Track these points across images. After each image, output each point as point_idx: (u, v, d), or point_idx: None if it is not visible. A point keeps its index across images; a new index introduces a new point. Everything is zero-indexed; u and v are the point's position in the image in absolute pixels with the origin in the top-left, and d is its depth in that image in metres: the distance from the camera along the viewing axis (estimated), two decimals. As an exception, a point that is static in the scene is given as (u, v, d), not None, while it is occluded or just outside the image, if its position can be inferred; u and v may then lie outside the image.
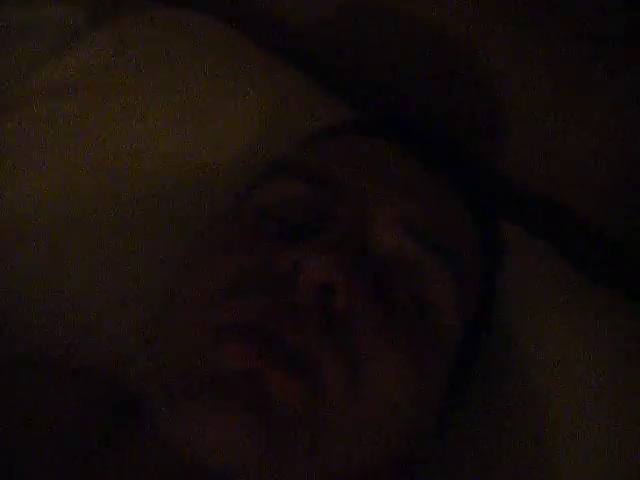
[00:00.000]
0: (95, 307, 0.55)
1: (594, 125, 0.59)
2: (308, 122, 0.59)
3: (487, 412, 0.54)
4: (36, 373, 0.49)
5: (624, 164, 0.59)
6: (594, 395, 0.53)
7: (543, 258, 0.59)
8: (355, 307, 0.40)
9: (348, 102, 0.64)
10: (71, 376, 0.51)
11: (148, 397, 0.43)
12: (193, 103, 0.61)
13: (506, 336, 0.56)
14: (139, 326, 0.53)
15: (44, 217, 0.57)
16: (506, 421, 0.53)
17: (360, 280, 0.40)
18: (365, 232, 0.43)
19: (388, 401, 0.40)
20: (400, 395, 0.41)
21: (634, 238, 0.61)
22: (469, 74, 0.63)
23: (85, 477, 0.41)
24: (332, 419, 0.39)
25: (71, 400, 0.47)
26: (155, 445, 0.40)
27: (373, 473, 0.41)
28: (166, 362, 0.41)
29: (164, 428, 0.39)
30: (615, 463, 0.51)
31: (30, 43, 0.63)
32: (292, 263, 0.40)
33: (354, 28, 0.66)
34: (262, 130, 0.61)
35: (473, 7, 0.60)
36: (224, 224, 0.47)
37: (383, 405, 0.40)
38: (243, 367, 0.37)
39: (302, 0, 0.68)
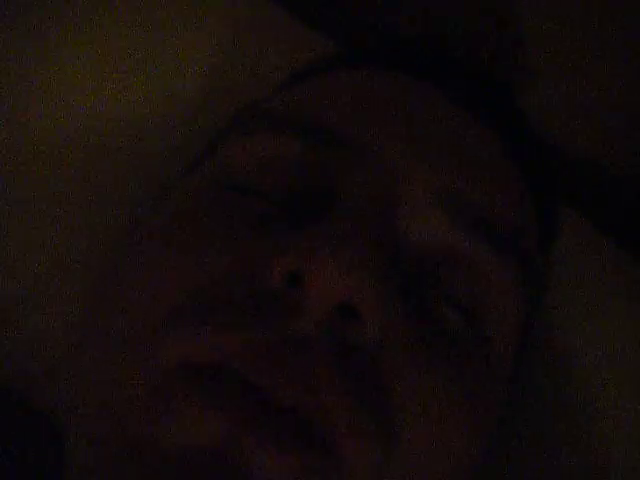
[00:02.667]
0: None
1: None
2: (289, 58, 0.45)
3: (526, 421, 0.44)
4: None
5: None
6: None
7: (591, 240, 0.47)
8: (387, 336, 0.26)
9: (338, 37, 0.49)
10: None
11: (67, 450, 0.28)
12: (131, 35, 0.46)
13: (547, 329, 0.45)
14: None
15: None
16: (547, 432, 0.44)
17: (397, 296, 0.26)
18: (392, 214, 0.28)
19: (435, 463, 0.27)
20: (450, 454, 0.27)
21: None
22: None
23: None
24: None
25: None
26: None
27: None
28: (86, 423, 0.27)
29: None
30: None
31: None
32: (287, 271, 0.25)
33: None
34: (225, 69, 0.46)
35: None
36: (172, 203, 0.31)
37: (429, 469, 0.27)
38: (210, 444, 0.23)
39: None
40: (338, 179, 0.29)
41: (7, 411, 0.40)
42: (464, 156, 0.31)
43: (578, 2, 0.46)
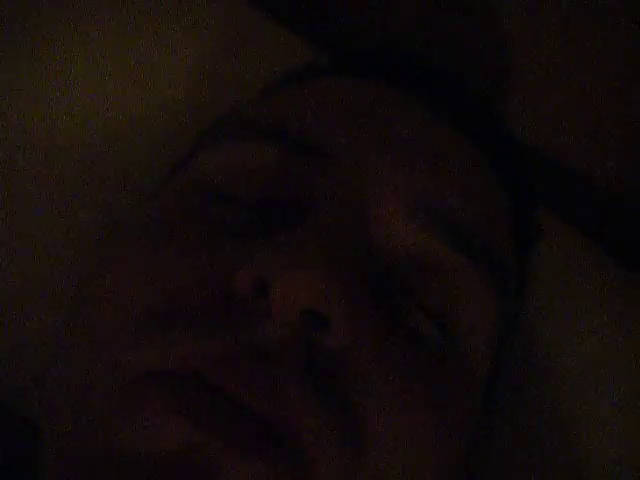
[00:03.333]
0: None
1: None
2: (272, 67, 0.45)
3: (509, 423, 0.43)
4: None
5: None
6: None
7: (573, 244, 0.47)
8: (356, 343, 0.26)
9: (323, 44, 0.49)
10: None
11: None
12: (120, 40, 0.46)
13: (532, 333, 0.45)
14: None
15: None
16: (530, 433, 0.44)
17: (366, 302, 0.26)
18: (365, 220, 0.28)
19: (406, 469, 0.27)
20: (421, 461, 0.27)
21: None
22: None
23: None
24: None
25: None
26: None
27: None
28: (55, 425, 0.27)
29: None
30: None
31: None
32: (255, 277, 0.25)
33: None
34: (208, 76, 0.46)
35: None
36: (148, 210, 0.31)
37: (400, 475, 0.27)
38: (174, 448, 0.23)
39: None
40: (311, 186, 0.29)
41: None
42: (439, 164, 0.31)
43: (565, 7, 0.46)
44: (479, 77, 0.48)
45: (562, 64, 0.47)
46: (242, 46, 0.48)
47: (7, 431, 0.40)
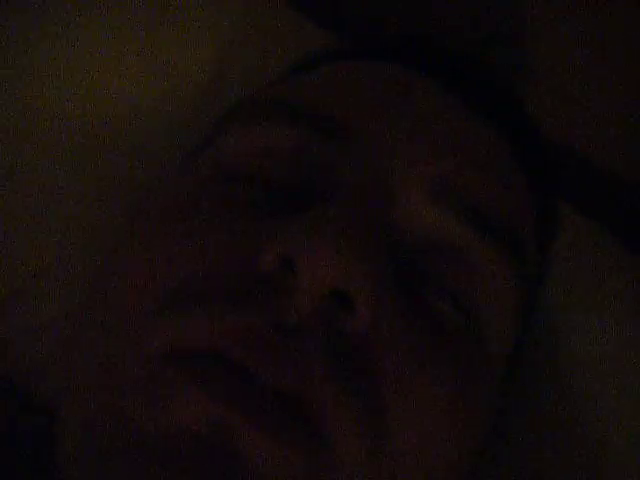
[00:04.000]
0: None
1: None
2: (290, 55, 0.44)
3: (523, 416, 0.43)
4: None
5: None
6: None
7: (591, 238, 0.46)
8: (383, 327, 0.26)
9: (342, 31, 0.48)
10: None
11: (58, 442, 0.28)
12: (138, 30, 0.46)
13: (547, 329, 0.45)
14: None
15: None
16: (544, 427, 0.43)
17: (390, 284, 0.26)
18: (388, 202, 0.28)
19: (427, 454, 0.27)
20: (442, 446, 0.27)
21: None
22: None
23: None
24: None
25: None
26: None
27: None
28: (80, 402, 0.27)
29: None
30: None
31: None
32: (279, 255, 0.25)
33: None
34: (227, 65, 0.46)
35: None
36: (170, 192, 0.31)
37: (421, 460, 0.27)
38: (199, 426, 0.23)
39: None
40: (334, 168, 0.29)
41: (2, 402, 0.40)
42: (461, 147, 0.31)
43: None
44: (500, 61, 0.48)
45: (582, 50, 0.47)
46: (260, 35, 0.48)
47: (21, 414, 0.40)
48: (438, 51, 0.38)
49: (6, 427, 0.37)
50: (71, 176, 0.43)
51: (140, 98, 0.45)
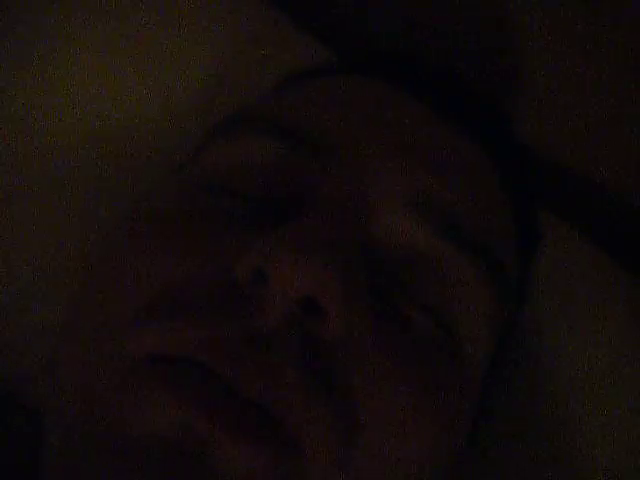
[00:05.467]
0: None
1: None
2: (283, 66, 0.46)
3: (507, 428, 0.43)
4: None
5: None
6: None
7: (578, 249, 0.47)
8: (353, 333, 0.26)
9: (333, 46, 0.49)
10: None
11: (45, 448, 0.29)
12: (136, 40, 0.47)
13: (535, 338, 0.45)
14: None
15: None
16: (532, 437, 0.43)
17: (360, 291, 0.27)
18: (363, 214, 0.29)
19: (398, 464, 0.27)
20: (414, 456, 0.28)
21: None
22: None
23: None
24: None
25: None
26: None
27: None
28: (62, 407, 0.28)
29: None
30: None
31: None
32: (252, 267, 0.26)
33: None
34: (225, 74, 0.47)
35: None
36: (153, 202, 0.32)
37: (391, 470, 0.27)
38: (170, 430, 0.24)
39: None
40: (312, 182, 0.30)
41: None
42: (440, 161, 0.31)
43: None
44: (484, 78, 0.48)
45: (567, 65, 0.47)
46: (256, 45, 0.49)
47: (13, 419, 0.40)
48: (424, 67, 0.39)
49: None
50: (71, 180, 0.44)
51: (136, 106, 0.46)
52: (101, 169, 0.44)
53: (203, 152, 0.33)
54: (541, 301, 0.45)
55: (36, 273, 0.43)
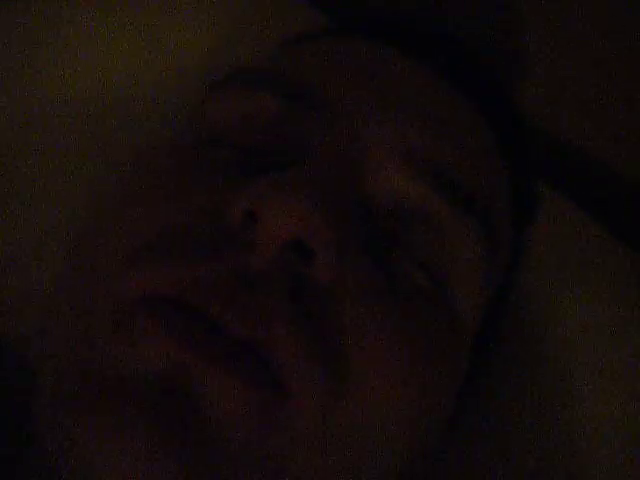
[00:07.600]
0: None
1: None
2: (280, 32, 0.45)
3: (497, 399, 0.43)
4: None
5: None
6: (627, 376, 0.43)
7: (573, 220, 0.47)
8: (343, 278, 0.26)
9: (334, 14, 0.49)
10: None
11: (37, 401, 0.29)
12: (134, 12, 0.48)
13: (528, 307, 0.45)
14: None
15: None
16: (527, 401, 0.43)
17: (351, 238, 0.27)
18: (358, 167, 0.29)
19: (385, 414, 0.27)
20: (402, 407, 0.28)
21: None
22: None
23: None
24: (303, 444, 0.25)
25: None
26: (43, 468, 0.27)
27: None
28: (57, 354, 0.28)
29: (51, 449, 0.26)
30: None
31: None
32: (244, 208, 0.26)
33: None
34: (222, 42, 0.48)
35: None
36: (154, 154, 0.32)
37: (378, 419, 0.27)
38: (159, 368, 0.24)
39: None
40: (308, 134, 0.30)
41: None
42: (436, 119, 0.32)
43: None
44: (483, 46, 0.49)
45: (568, 38, 0.47)
46: (254, 15, 0.49)
47: (6, 369, 0.40)
48: (424, 30, 0.39)
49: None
50: (69, 148, 0.44)
51: (134, 82, 0.46)
52: (100, 133, 0.44)
53: (202, 107, 0.34)
54: (538, 270, 0.45)
55: (33, 235, 0.43)
